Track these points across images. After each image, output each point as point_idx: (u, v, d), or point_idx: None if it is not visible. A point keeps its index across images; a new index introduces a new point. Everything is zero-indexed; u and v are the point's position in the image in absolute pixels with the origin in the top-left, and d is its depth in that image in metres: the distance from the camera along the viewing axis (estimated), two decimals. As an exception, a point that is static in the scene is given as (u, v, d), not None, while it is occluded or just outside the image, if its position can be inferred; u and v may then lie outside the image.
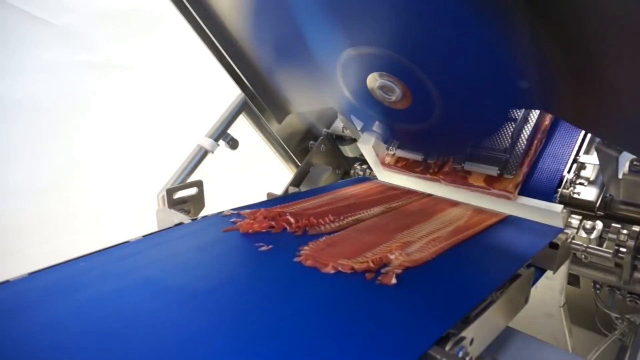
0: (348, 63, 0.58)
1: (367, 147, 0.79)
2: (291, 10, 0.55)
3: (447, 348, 0.32)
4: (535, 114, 0.68)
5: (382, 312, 0.35)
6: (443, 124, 0.60)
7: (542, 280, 0.51)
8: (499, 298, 0.40)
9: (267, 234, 0.51)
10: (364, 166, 0.90)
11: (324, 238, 0.49)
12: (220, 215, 0.56)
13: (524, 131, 0.67)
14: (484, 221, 0.56)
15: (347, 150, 0.92)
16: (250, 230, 0.51)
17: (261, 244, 0.47)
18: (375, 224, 0.55)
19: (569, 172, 0.63)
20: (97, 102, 1.20)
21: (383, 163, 0.79)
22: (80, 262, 0.42)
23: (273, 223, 0.52)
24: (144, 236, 0.49)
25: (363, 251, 0.46)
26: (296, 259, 0.44)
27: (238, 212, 0.57)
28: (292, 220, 0.53)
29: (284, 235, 0.51)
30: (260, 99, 0.81)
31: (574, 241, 0.58)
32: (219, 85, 0.85)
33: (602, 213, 0.61)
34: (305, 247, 0.46)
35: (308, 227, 0.52)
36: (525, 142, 0.66)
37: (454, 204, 0.64)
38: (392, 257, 0.44)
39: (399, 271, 0.41)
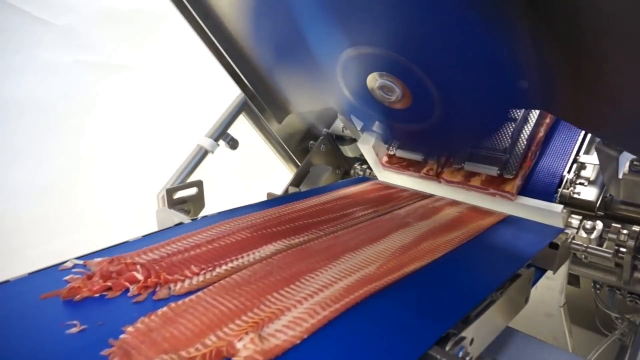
0: (348, 63, 0.58)
1: (367, 147, 0.79)
2: (291, 10, 0.55)
3: (447, 348, 0.32)
4: (535, 114, 0.68)
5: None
6: (443, 124, 0.60)
7: (542, 280, 0.50)
8: (499, 298, 0.40)
9: (100, 300, 0.37)
10: (364, 166, 0.90)
11: (165, 308, 0.36)
12: (56, 269, 0.42)
13: (524, 131, 0.67)
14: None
15: (347, 150, 0.92)
16: (77, 296, 0.37)
17: (74, 321, 0.33)
18: (255, 275, 0.41)
19: (569, 172, 0.63)
20: (98, 102, 1.21)
21: (383, 163, 0.79)
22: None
23: (110, 284, 0.39)
24: (144, 236, 0.49)
25: (206, 332, 0.33)
26: (105, 352, 0.31)
27: (84, 261, 0.42)
28: (139, 276, 0.40)
29: (123, 300, 0.37)
30: (260, 99, 0.81)
31: (574, 241, 0.58)
32: (219, 85, 0.85)
33: (602, 213, 0.61)
34: (130, 328, 0.33)
35: (159, 285, 0.39)
36: (525, 142, 0.66)
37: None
38: (239, 345, 0.31)
39: None
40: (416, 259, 0.44)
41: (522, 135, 0.67)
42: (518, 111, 0.67)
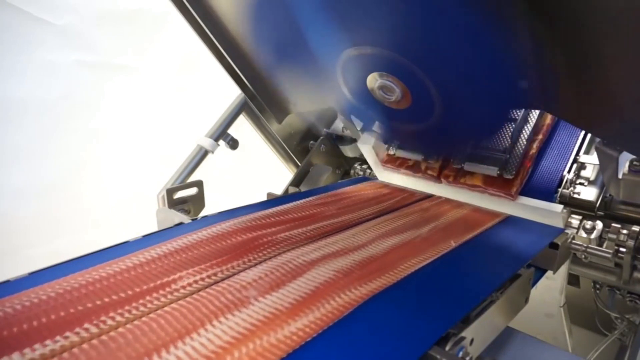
0: (348, 63, 0.58)
1: (367, 147, 0.79)
2: (292, 9, 0.55)
3: (447, 348, 0.32)
4: (535, 114, 0.68)
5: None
6: (443, 124, 0.60)
7: (542, 280, 0.51)
8: (499, 298, 0.40)
9: None
10: (364, 166, 0.90)
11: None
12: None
13: (523, 131, 0.67)
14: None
15: (347, 150, 0.92)
16: None
17: None
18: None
19: (569, 172, 0.63)
20: (98, 102, 1.21)
21: (383, 163, 0.79)
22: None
23: None
24: (144, 236, 0.49)
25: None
26: None
27: None
28: None
29: None
30: (260, 99, 0.81)
31: (574, 241, 0.58)
32: (219, 85, 0.86)
33: (602, 213, 0.61)
34: None
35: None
36: (525, 142, 0.66)
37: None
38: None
39: None
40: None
41: (522, 135, 0.67)
42: (518, 111, 0.67)
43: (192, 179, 0.75)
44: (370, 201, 0.63)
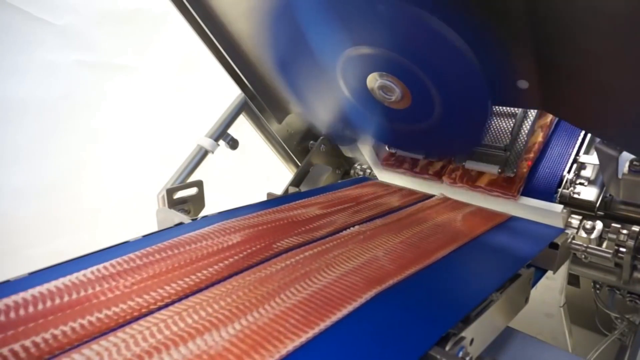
0: (348, 63, 0.58)
1: (367, 147, 0.79)
2: (293, 9, 0.55)
3: (447, 348, 0.32)
4: (534, 113, 0.68)
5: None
6: (443, 124, 0.60)
7: (542, 280, 0.50)
8: (499, 298, 0.40)
9: None
10: (364, 166, 0.90)
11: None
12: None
13: (524, 131, 0.67)
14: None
15: (347, 150, 0.92)
16: None
17: None
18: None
19: (569, 172, 0.63)
20: (98, 102, 1.21)
21: (383, 163, 0.79)
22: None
23: None
24: (144, 236, 0.49)
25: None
26: None
27: None
28: None
29: None
30: (260, 99, 0.81)
31: (574, 241, 0.58)
32: (219, 85, 0.86)
33: (602, 213, 0.61)
34: None
35: None
36: (525, 142, 0.66)
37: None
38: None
39: None
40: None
41: (522, 134, 0.67)
42: (517, 110, 0.67)
43: (192, 179, 0.75)
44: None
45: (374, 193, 0.67)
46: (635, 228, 0.57)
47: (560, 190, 0.62)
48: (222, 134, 0.80)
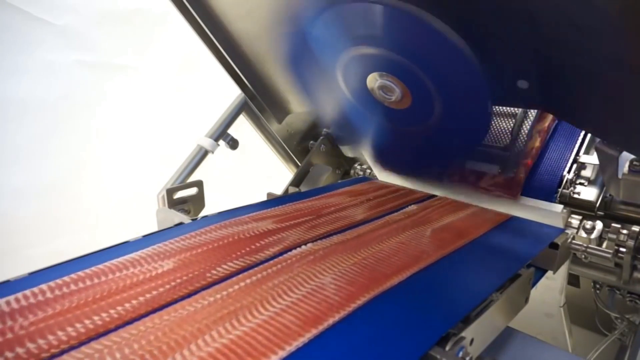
0: (348, 63, 0.58)
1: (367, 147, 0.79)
2: (293, 9, 0.55)
3: (447, 348, 0.32)
4: (535, 114, 0.68)
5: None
6: (443, 124, 0.60)
7: (542, 280, 0.50)
8: (499, 298, 0.40)
9: None
10: (364, 166, 0.90)
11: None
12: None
13: (524, 131, 0.67)
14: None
15: (347, 150, 0.92)
16: None
17: None
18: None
19: (569, 172, 0.63)
20: (98, 102, 1.21)
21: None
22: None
23: None
24: (144, 236, 0.49)
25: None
26: None
27: None
28: None
29: None
30: (260, 99, 0.81)
31: (574, 241, 0.58)
32: (219, 85, 0.85)
33: (602, 213, 0.61)
34: None
35: None
36: (525, 142, 0.66)
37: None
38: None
39: None
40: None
41: (522, 134, 0.67)
42: (517, 110, 0.67)
43: (192, 179, 0.75)
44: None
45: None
46: (635, 228, 0.57)
47: (560, 190, 0.62)
48: (222, 134, 0.80)
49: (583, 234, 0.59)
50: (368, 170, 0.88)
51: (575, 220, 0.60)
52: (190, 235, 0.47)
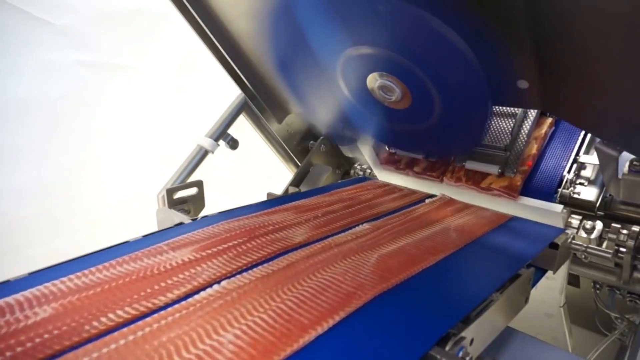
0: (348, 63, 0.58)
1: (367, 147, 0.79)
2: (293, 9, 0.55)
3: (447, 348, 0.32)
4: (535, 114, 0.68)
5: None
6: (443, 124, 0.60)
7: (542, 280, 0.50)
8: (499, 298, 0.40)
9: None
10: (364, 166, 0.90)
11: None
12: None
13: (524, 131, 0.67)
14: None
15: (347, 150, 0.92)
16: None
17: None
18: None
19: (569, 172, 0.63)
20: (98, 102, 1.21)
21: (383, 163, 0.79)
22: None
23: None
24: (144, 236, 0.49)
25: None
26: None
27: None
28: None
29: None
30: (260, 99, 0.81)
31: (574, 241, 0.58)
32: (219, 85, 0.86)
33: (602, 213, 0.61)
34: None
35: None
36: (525, 142, 0.66)
37: None
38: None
39: None
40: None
41: (522, 134, 0.67)
42: (517, 110, 0.67)
43: (192, 179, 0.75)
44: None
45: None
46: (635, 228, 0.57)
47: (560, 190, 0.62)
48: (222, 134, 0.80)
49: (583, 234, 0.59)
50: (368, 170, 0.88)
51: (575, 220, 0.60)
52: (84, 274, 0.39)
